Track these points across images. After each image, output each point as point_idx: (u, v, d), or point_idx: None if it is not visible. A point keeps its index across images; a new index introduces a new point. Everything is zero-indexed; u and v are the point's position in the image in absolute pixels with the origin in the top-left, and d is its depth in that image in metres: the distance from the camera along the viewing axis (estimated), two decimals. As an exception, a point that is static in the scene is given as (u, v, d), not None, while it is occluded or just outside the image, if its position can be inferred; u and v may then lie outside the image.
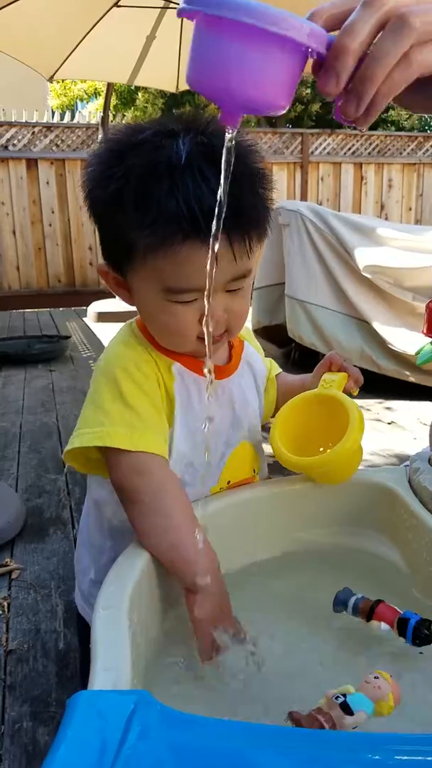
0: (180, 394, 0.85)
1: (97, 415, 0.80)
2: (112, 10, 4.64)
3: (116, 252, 0.80)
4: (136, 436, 0.78)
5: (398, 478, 0.91)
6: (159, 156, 0.72)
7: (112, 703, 0.49)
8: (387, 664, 0.69)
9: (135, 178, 0.73)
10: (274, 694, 0.66)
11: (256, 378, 0.99)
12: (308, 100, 10.45)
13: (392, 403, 3.79)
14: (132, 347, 0.85)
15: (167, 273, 0.74)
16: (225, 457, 0.91)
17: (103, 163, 0.77)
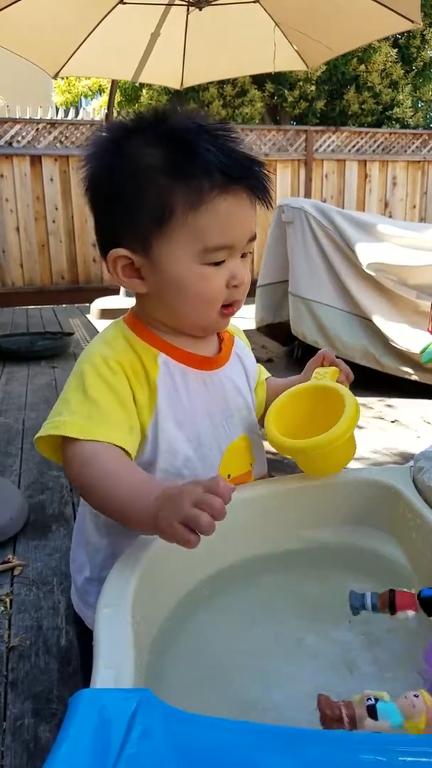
0: (165, 384, 0.85)
1: (59, 406, 0.82)
2: (117, 7, 4.64)
3: (142, 226, 0.81)
4: (90, 426, 0.78)
5: (402, 477, 0.91)
6: (181, 130, 0.79)
7: (114, 702, 0.49)
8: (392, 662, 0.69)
9: (165, 144, 0.78)
10: (279, 695, 0.66)
11: (248, 373, 0.99)
12: (313, 97, 10.41)
13: (395, 401, 3.78)
14: (109, 343, 0.86)
15: (208, 229, 0.78)
16: (222, 449, 0.91)
17: (116, 142, 0.82)
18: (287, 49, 4.89)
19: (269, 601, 0.82)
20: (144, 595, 0.67)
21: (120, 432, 0.80)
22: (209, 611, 0.78)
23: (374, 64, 10.30)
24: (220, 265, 0.82)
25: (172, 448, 0.86)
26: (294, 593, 0.84)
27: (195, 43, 5.08)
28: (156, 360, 0.86)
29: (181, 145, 0.78)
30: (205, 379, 0.91)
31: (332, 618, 0.77)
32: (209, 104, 9.99)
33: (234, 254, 0.83)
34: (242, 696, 0.66)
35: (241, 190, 0.79)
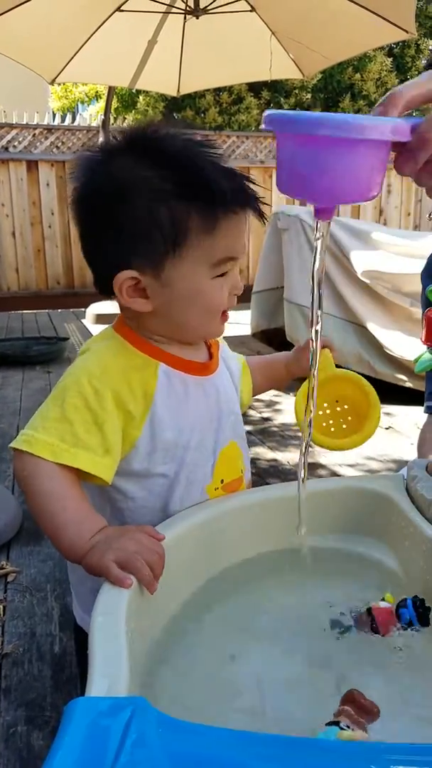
0: (165, 395, 0.87)
1: (37, 418, 0.83)
2: (115, 15, 4.66)
3: (155, 249, 0.82)
4: (61, 449, 0.79)
5: (396, 486, 0.92)
6: (181, 151, 0.82)
7: (109, 710, 0.49)
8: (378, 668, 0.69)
9: (172, 166, 0.80)
10: (274, 704, 0.67)
11: (233, 377, 1.03)
12: (308, 105, 10.46)
13: (390, 409, 3.80)
14: (100, 358, 0.87)
15: (219, 246, 0.82)
16: (216, 453, 0.94)
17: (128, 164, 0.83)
18: (283, 57, 4.91)
19: (264, 609, 0.82)
20: (138, 604, 0.68)
21: (91, 455, 0.81)
22: (204, 619, 0.78)
23: (369, 73, 10.36)
24: (224, 276, 0.86)
25: (170, 454, 0.88)
26: (289, 601, 0.84)
27: (192, 50, 5.10)
28: (156, 370, 0.87)
29: (188, 168, 0.80)
30: (204, 384, 0.93)
31: (326, 625, 0.78)
32: (205, 111, 10.03)
33: (235, 264, 0.87)
34: (237, 704, 0.66)
35: (245, 206, 0.84)
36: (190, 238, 0.81)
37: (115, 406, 0.84)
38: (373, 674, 0.70)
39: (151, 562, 0.69)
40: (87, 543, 0.74)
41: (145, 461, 0.87)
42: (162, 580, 0.71)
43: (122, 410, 0.84)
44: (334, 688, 0.66)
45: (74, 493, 0.80)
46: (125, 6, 4.58)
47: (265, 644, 0.73)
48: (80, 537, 0.76)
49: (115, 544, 0.72)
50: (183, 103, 9.76)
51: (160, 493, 0.90)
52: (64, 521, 0.77)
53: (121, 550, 0.70)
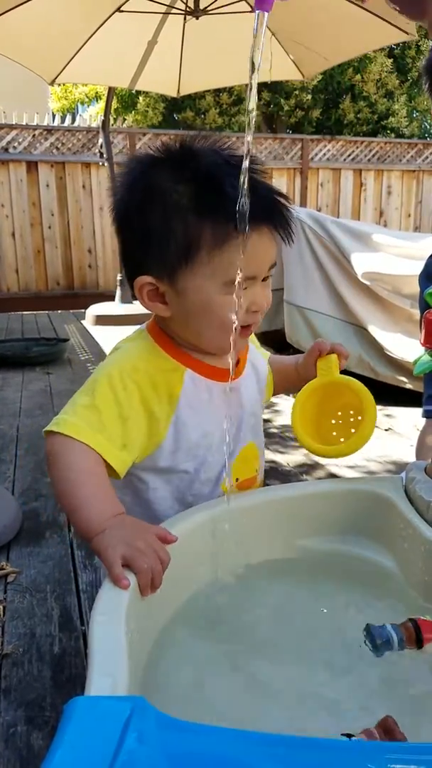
0: (190, 398, 0.91)
1: (69, 405, 0.87)
2: (114, 15, 4.66)
3: (169, 261, 0.85)
4: (86, 430, 0.83)
5: (395, 487, 0.92)
6: (208, 169, 0.83)
7: (108, 709, 0.49)
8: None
9: (195, 182, 0.82)
10: (274, 704, 0.67)
11: (260, 379, 1.05)
12: (309, 106, 10.48)
13: (390, 410, 3.80)
14: (131, 357, 0.90)
15: (231, 264, 0.82)
16: (234, 454, 0.97)
17: (146, 183, 0.85)
18: (284, 58, 4.92)
19: (264, 610, 0.82)
20: (139, 604, 0.68)
21: (110, 445, 0.84)
22: (204, 620, 0.78)
23: (370, 74, 10.38)
24: (243, 293, 0.86)
25: (192, 453, 0.92)
26: (289, 602, 0.84)
27: (192, 51, 5.11)
28: (182, 375, 0.91)
29: (209, 184, 0.82)
30: (226, 389, 0.95)
31: (327, 626, 0.78)
32: (206, 112, 10.04)
33: (255, 282, 0.87)
34: (236, 704, 0.67)
35: (264, 226, 0.84)
36: (201, 253, 0.83)
37: (140, 404, 0.87)
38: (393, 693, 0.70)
39: (154, 569, 0.70)
40: (102, 523, 0.76)
41: (169, 459, 0.91)
42: (163, 580, 0.71)
43: (147, 410, 0.88)
44: (337, 682, 0.66)
45: (98, 471, 0.82)
46: (125, 6, 4.58)
47: (267, 644, 0.74)
48: (97, 515, 0.77)
49: (127, 538, 0.72)
50: (183, 104, 9.78)
51: (179, 486, 0.94)
52: (85, 496, 0.79)
53: (130, 546, 0.71)
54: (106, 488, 0.82)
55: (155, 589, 0.70)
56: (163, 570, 0.71)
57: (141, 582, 0.69)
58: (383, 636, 0.67)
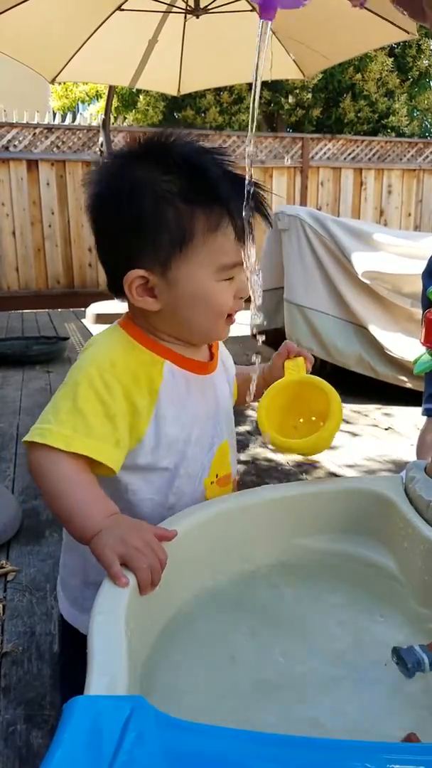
0: (169, 391, 0.90)
1: (49, 411, 0.85)
2: (115, 14, 4.65)
3: (162, 250, 0.85)
4: (74, 438, 0.81)
5: (394, 487, 0.92)
6: (193, 157, 0.84)
7: (108, 709, 0.49)
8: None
9: (182, 171, 0.83)
10: (273, 705, 0.67)
11: (229, 377, 1.06)
12: (309, 105, 10.46)
13: (390, 409, 3.80)
14: (109, 353, 0.89)
15: (224, 249, 0.84)
16: (213, 449, 0.97)
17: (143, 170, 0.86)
18: (284, 57, 4.91)
19: (264, 610, 0.82)
20: (138, 603, 0.68)
21: (104, 445, 0.83)
22: (204, 620, 0.78)
23: (370, 73, 10.37)
24: (231, 280, 0.88)
25: (172, 448, 0.91)
26: (288, 601, 0.84)
27: (192, 50, 5.10)
28: (161, 368, 0.90)
29: (196, 170, 0.83)
30: (204, 382, 0.96)
31: (325, 628, 0.78)
32: (206, 111, 10.03)
33: (242, 269, 0.88)
34: (236, 704, 0.67)
35: (251, 214, 0.84)
36: (196, 239, 0.84)
37: (124, 398, 0.86)
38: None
39: (153, 567, 0.70)
40: (96, 526, 0.76)
41: (149, 455, 0.90)
42: (162, 579, 0.71)
43: (130, 403, 0.87)
44: (339, 685, 0.66)
45: (86, 477, 0.82)
46: (125, 5, 4.57)
47: (267, 644, 0.74)
48: (91, 518, 0.77)
49: (123, 537, 0.72)
50: (183, 102, 9.77)
51: (160, 487, 0.92)
52: (77, 502, 0.79)
53: (127, 545, 0.71)
54: (95, 491, 0.81)
55: (154, 587, 0.70)
56: (161, 568, 0.71)
57: (140, 580, 0.69)
58: (413, 659, 0.67)
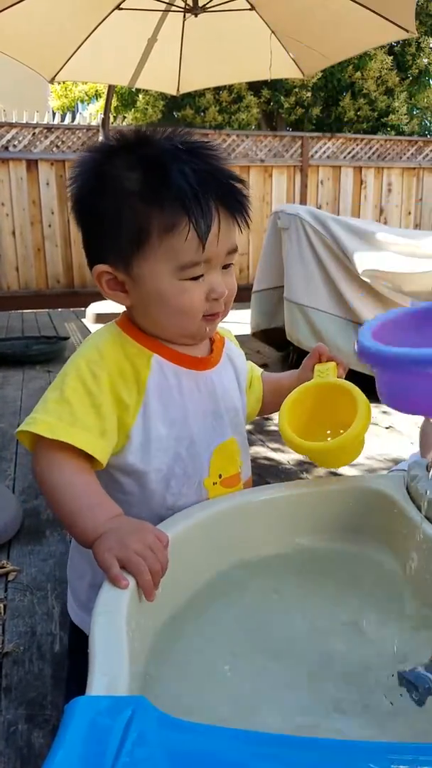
0: (157, 384, 0.89)
1: (40, 403, 0.86)
2: (114, 13, 4.65)
3: (122, 247, 0.85)
4: (59, 426, 0.82)
5: (397, 485, 0.92)
6: (158, 155, 0.82)
7: (110, 709, 0.49)
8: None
9: (143, 168, 0.82)
10: (274, 704, 0.67)
11: (238, 375, 1.03)
12: (309, 103, 10.45)
13: (390, 408, 3.79)
14: (98, 347, 0.90)
15: (182, 249, 0.82)
16: (211, 448, 0.95)
17: (97, 169, 0.86)
18: (283, 56, 4.91)
19: (265, 609, 0.82)
20: (139, 603, 0.68)
21: (88, 435, 0.83)
22: (205, 619, 0.78)
23: (370, 72, 10.35)
24: (198, 280, 0.86)
25: (163, 446, 0.90)
26: (290, 601, 0.84)
27: (191, 49, 5.10)
28: (149, 361, 0.90)
29: (156, 169, 0.82)
30: (197, 379, 0.94)
31: (327, 628, 0.78)
32: (205, 110, 10.02)
33: (212, 268, 0.86)
34: (237, 704, 0.66)
35: (215, 210, 0.83)
36: (152, 239, 0.83)
37: (110, 390, 0.86)
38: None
39: (153, 570, 0.70)
40: (99, 528, 0.76)
41: (139, 453, 0.89)
42: (162, 579, 0.71)
43: (116, 396, 0.87)
44: (336, 686, 0.66)
45: (87, 479, 0.82)
46: (124, 4, 4.57)
47: (266, 643, 0.73)
48: (93, 521, 0.77)
49: (123, 540, 0.72)
50: (183, 101, 9.75)
51: (155, 488, 0.91)
52: (79, 507, 0.79)
53: (127, 548, 0.70)
54: (97, 494, 0.81)
55: (155, 588, 0.70)
56: (162, 571, 0.70)
57: (140, 584, 0.68)
58: (422, 681, 0.64)
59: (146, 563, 0.69)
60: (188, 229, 0.81)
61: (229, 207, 0.85)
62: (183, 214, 0.81)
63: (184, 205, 0.80)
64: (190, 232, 0.81)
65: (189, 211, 0.81)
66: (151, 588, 0.69)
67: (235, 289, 0.91)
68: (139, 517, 0.84)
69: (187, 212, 0.81)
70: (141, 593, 0.69)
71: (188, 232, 0.81)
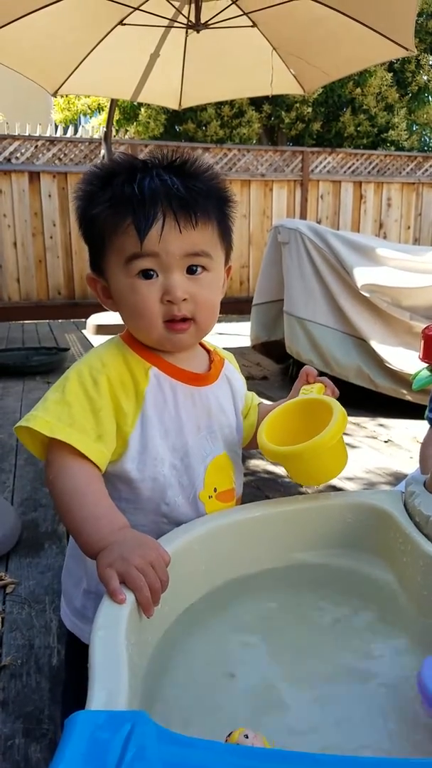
0: (154, 396, 0.92)
1: (40, 402, 0.89)
2: (117, 28, 4.70)
3: (96, 253, 0.93)
4: (57, 426, 0.84)
5: (394, 501, 0.92)
6: (131, 168, 0.90)
7: (109, 724, 0.49)
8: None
9: (113, 185, 0.89)
10: (272, 718, 0.67)
11: (235, 395, 1.05)
12: (309, 119, 10.53)
13: (389, 422, 3.80)
14: (101, 355, 0.93)
15: (126, 243, 0.87)
16: (206, 461, 0.96)
17: (93, 184, 0.93)
18: (284, 73, 4.96)
19: (262, 623, 0.82)
20: (139, 618, 0.68)
21: (84, 437, 0.85)
22: (203, 633, 0.78)
23: (370, 88, 10.44)
24: (151, 279, 0.88)
25: (159, 456, 0.92)
26: (288, 617, 0.84)
27: (193, 65, 5.15)
28: (147, 372, 0.93)
29: (110, 176, 0.90)
30: (193, 393, 0.96)
31: (325, 643, 0.78)
32: (207, 124, 10.09)
33: (167, 268, 0.88)
34: (236, 719, 0.67)
35: (156, 212, 0.86)
36: (107, 239, 0.89)
37: (110, 397, 0.89)
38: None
39: (152, 587, 0.70)
40: (103, 540, 0.76)
41: (137, 461, 0.91)
42: (164, 595, 0.71)
43: (115, 403, 0.89)
44: (336, 700, 0.66)
45: (96, 489, 0.84)
46: (127, 20, 4.62)
47: (264, 657, 0.74)
48: (97, 533, 0.78)
49: (125, 554, 0.72)
50: (185, 116, 9.82)
51: (152, 496, 0.93)
52: (83, 518, 0.80)
53: (127, 564, 0.70)
54: (104, 506, 0.82)
55: (153, 606, 0.70)
56: (161, 588, 0.70)
57: (141, 601, 0.69)
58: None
59: (147, 580, 0.69)
60: (129, 224, 0.86)
61: (185, 206, 0.87)
62: (128, 213, 0.86)
63: (131, 204, 0.86)
64: (130, 227, 0.86)
65: (134, 210, 0.85)
66: (149, 604, 0.69)
67: (207, 298, 0.91)
68: (136, 524, 0.85)
69: (132, 212, 0.86)
70: (138, 612, 0.69)
71: (127, 227, 0.86)
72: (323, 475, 0.93)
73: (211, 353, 1.04)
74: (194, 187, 0.88)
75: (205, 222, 0.89)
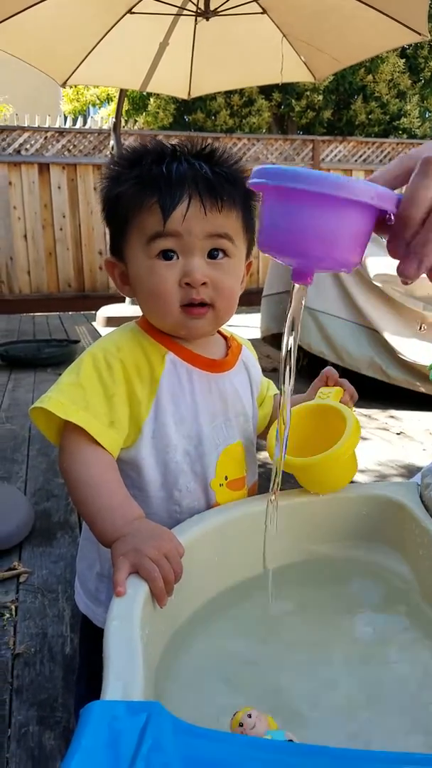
0: (169, 381, 0.91)
1: (55, 384, 0.88)
2: (126, 17, 4.68)
3: (118, 234, 0.91)
4: (70, 408, 0.84)
5: (410, 493, 0.91)
6: (160, 151, 0.89)
7: (125, 715, 0.49)
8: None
9: (141, 165, 0.88)
10: (287, 711, 0.67)
11: (252, 382, 1.04)
12: (320, 107, 10.45)
13: (401, 413, 3.78)
14: (116, 340, 0.92)
15: (149, 222, 0.85)
16: (219, 449, 0.95)
17: (120, 165, 0.92)
18: (295, 60, 4.92)
19: (278, 616, 0.82)
20: (153, 609, 0.68)
21: (96, 422, 0.84)
22: (218, 625, 0.78)
23: (382, 75, 10.33)
24: (170, 261, 0.86)
25: (172, 443, 0.91)
26: (303, 608, 0.84)
27: (203, 53, 5.12)
28: (163, 358, 0.91)
29: (136, 159, 0.89)
30: (209, 380, 0.95)
31: (339, 636, 0.78)
32: (216, 114, 10.04)
33: (188, 251, 0.86)
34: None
35: (183, 193, 0.85)
36: (130, 217, 0.88)
37: (124, 382, 0.88)
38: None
39: (166, 578, 0.69)
40: (118, 531, 0.77)
41: (150, 447, 0.90)
42: (177, 586, 0.71)
43: (129, 389, 0.88)
44: (349, 697, 0.66)
45: (111, 478, 0.83)
46: (136, 8, 4.60)
47: (280, 649, 0.74)
48: (113, 523, 0.78)
49: (139, 545, 0.72)
50: (194, 105, 9.78)
51: (164, 483, 0.92)
52: (99, 507, 0.80)
53: (141, 555, 0.70)
54: (119, 495, 0.82)
55: (168, 595, 0.70)
56: (175, 580, 0.70)
57: (152, 590, 0.69)
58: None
59: (161, 571, 0.69)
60: (154, 203, 0.84)
61: (197, 193, 0.85)
62: (155, 192, 0.85)
63: (158, 183, 0.85)
64: (154, 206, 0.84)
65: (160, 189, 0.84)
66: (163, 595, 0.69)
67: (227, 285, 0.89)
68: (146, 511, 0.85)
69: (159, 190, 0.84)
70: (153, 602, 0.69)
71: (152, 205, 0.85)
72: (333, 485, 0.93)
73: (228, 339, 1.02)
74: (222, 173, 0.87)
75: (230, 208, 0.87)
